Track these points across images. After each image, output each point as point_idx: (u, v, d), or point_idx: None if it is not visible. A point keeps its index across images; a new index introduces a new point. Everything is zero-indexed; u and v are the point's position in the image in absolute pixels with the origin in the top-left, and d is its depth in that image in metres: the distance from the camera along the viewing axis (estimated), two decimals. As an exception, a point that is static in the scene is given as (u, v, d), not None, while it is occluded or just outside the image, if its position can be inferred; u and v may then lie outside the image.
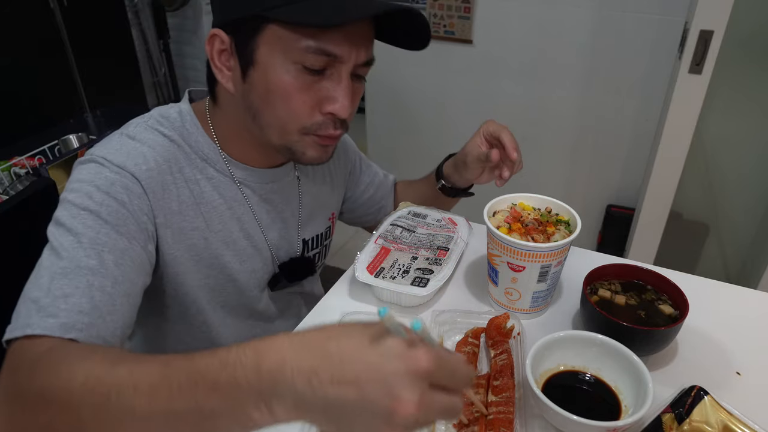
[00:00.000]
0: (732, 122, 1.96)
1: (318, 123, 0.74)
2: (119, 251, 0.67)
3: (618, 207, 2.30)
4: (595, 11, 2.03)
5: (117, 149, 0.74)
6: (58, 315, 0.58)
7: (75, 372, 0.49)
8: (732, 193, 2.10)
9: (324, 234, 1.03)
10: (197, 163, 0.81)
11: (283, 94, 0.71)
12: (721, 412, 0.63)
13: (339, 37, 0.69)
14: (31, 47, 2.18)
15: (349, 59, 0.71)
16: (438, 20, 2.28)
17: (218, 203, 0.82)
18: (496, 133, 0.93)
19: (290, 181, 0.92)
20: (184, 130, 0.80)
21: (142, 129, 0.78)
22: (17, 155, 1.53)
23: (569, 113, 2.25)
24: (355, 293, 0.89)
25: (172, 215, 0.77)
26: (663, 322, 0.74)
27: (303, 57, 0.69)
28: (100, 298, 0.62)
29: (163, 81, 3.04)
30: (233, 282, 0.87)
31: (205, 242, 0.82)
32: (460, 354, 0.73)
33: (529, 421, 0.65)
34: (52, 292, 0.60)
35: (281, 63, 0.70)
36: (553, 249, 0.75)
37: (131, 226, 0.70)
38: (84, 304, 0.60)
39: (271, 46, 0.70)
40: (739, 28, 1.64)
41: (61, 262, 0.63)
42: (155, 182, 0.74)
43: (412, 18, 0.71)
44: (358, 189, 1.11)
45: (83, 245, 0.64)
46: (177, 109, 0.82)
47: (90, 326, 0.59)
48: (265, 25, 0.69)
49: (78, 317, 0.59)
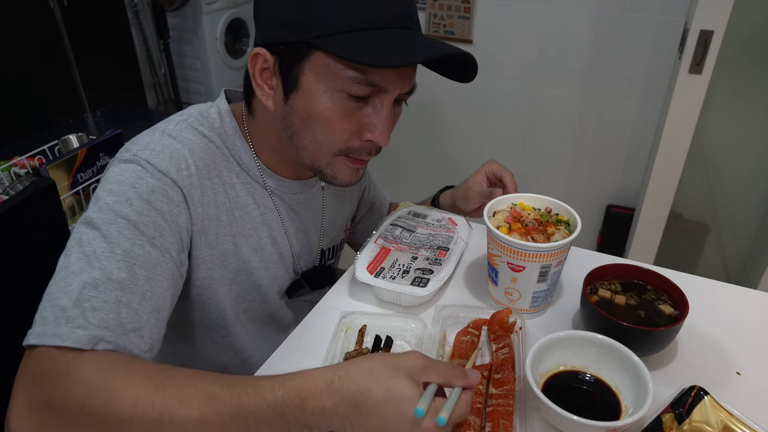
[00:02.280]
0: (732, 122, 1.97)
1: (354, 147, 0.75)
2: (151, 266, 0.65)
3: (618, 207, 2.30)
4: (595, 11, 2.03)
5: (160, 151, 0.72)
6: (87, 327, 0.57)
7: (120, 393, 0.52)
8: (732, 193, 2.10)
9: (339, 245, 1.05)
10: (234, 167, 0.81)
11: (324, 121, 0.72)
12: (721, 412, 0.63)
13: (388, 72, 0.70)
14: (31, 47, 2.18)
15: (394, 90, 0.72)
16: (438, 20, 2.28)
17: (251, 208, 0.83)
18: (499, 173, 0.97)
19: (315, 192, 0.93)
20: (223, 132, 0.80)
21: (183, 128, 0.77)
22: (17, 155, 1.53)
23: (569, 113, 2.25)
24: (355, 293, 0.89)
25: (209, 221, 0.77)
26: (663, 322, 0.74)
27: (348, 86, 0.69)
28: (127, 314, 0.61)
29: (163, 81, 3.04)
30: (257, 288, 0.87)
31: (235, 248, 0.82)
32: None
33: (528, 413, 0.66)
34: (81, 303, 0.59)
35: (325, 90, 0.70)
36: (553, 249, 0.75)
37: (168, 238, 0.68)
38: (110, 321, 0.59)
39: (316, 72, 0.70)
40: (739, 28, 1.64)
41: (93, 271, 0.61)
42: (195, 189, 0.74)
43: (463, 60, 0.72)
44: (364, 208, 1.13)
45: (116, 255, 0.63)
46: (216, 110, 0.82)
47: (116, 340, 0.59)
48: (313, 52, 0.69)
49: (104, 333, 0.58)
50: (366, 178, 1.11)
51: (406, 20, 0.70)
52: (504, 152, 2.44)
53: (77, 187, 1.45)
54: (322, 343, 0.77)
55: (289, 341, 0.80)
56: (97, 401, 0.52)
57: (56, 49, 2.18)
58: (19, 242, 0.89)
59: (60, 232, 0.97)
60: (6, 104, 2.07)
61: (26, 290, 0.89)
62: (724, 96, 1.87)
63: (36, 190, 0.91)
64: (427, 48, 0.69)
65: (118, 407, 0.51)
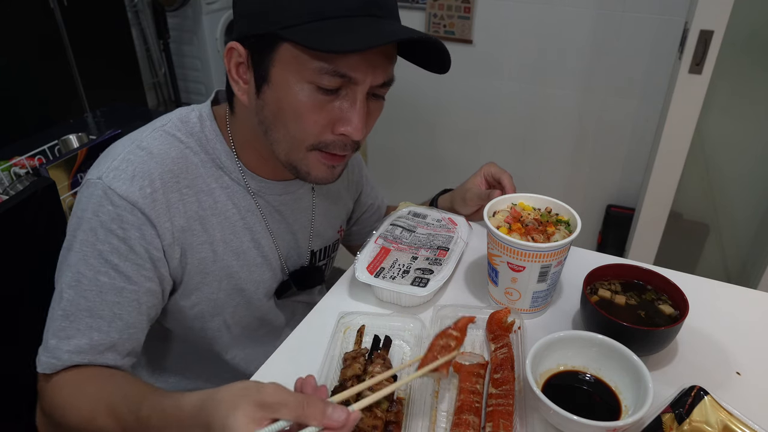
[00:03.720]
0: (732, 122, 1.96)
1: (327, 141, 0.74)
2: (116, 290, 0.72)
3: (618, 207, 2.30)
4: (595, 11, 2.03)
5: (124, 169, 0.73)
6: (61, 357, 0.70)
7: (69, 410, 0.69)
8: (732, 193, 2.10)
9: (332, 246, 1.03)
10: (213, 171, 0.80)
11: (294, 113, 0.71)
12: (721, 412, 0.63)
13: (355, 60, 0.68)
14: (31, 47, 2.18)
15: (364, 81, 0.70)
16: (438, 20, 2.28)
17: (231, 213, 0.82)
18: (497, 175, 0.98)
19: (304, 193, 0.92)
20: (203, 136, 0.80)
21: (157, 135, 0.77)
22: (17, 155, 1.53)
23: (569, 113, 2.25)
24: (355, 293, 0.89)
25: (179, 233, 0.77)
26: (663, 322, 0.74)
27: (317, 77, 0.68)
28: (98, 337, 0.72)
29: (163, 81, 3.04)
30: (240, 292, 0.87)
31: (214, 255, 0.81)
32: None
33: (528, 413, 0.66)
34: (56, 333, 0.71)
35: (295, 82, 0.69)
36: (553, 249, 0.75)
37: (135, 262, 0.73)
38: (83, 345, 0.71)
39: (285, 64, 0.69)
40: (739, 28, 1.64)
41: (62, 303, 0.72)
42: (160, 204, 0.74)
43: (429, 45, 0.71)
44: (360, 209, 1.12)
45: (82, 285, 0.71)
46: (197, 114, 0.81)
47: (92, 360, 0.72)
48: (281, 43, 0.68)
49: (78, 357, 0.71)
50: (363, 179, 1.10)
51: (373, 8, 0.68)
52: (504, 152, 2.44)
53: (77, 187, 1.45)
54: (320, 343, 0.77)
55: (287, 342, 0.79)
56: (57, 415, 0.71)
57: (56, 49, 2.18)
58: (19, 242, 0.89)
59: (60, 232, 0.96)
60: (6, 104, 2.07)
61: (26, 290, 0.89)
62: (724, 96, 1.87)
63: (36, 190, 0.91)
64: (390, 33, 0.66)
65: (69, 419, 0.69)
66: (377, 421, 0.61)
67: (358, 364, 0.69)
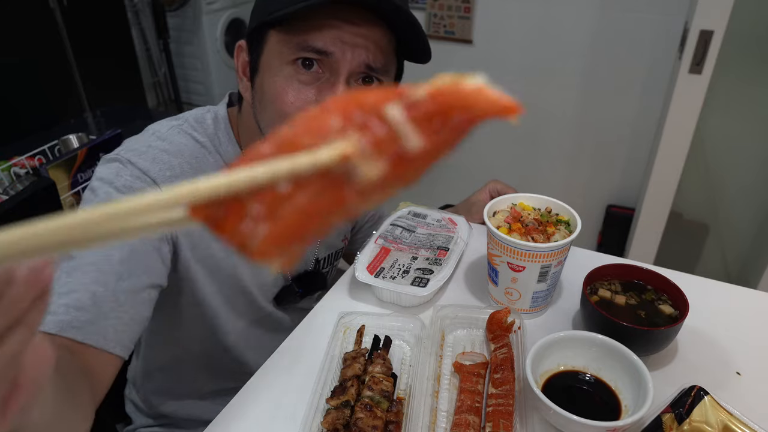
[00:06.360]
0: (732, 122, 1.96)
1: None
2: (126, 250, 0.67)
3: (618, 207, 2.30)
4: (595, 11, 2.03)
5: (143, 151, 0.73)
6: (57, 312, 0.61)
7: None
8: (732, 193, 2.10)
9: (336, 254, 1.04)
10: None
11: (273, 95, 0.71)
12: (721, 412, 0.63)
13: (330, 36, 0.67)
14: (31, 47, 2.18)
15: (343, 59, 0.68)
16: (438, 20, 2.28)
17: None
18: (503, 191, 1.00)
19: None
20: (216, 138, 0.80)
21: (175, 132, 0.77)
22: (17, 155, 1.53)
23: (569, 113, 2.25)
24: (355, 293, 0.89)
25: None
26: (663, 322, 0.74)
27: (295, 55, 0.68)
28: (103, 293, 0.64)
29: (163, 81, 3.04)
30: (245, 294, 0.87)
31: (225, 252, 0.81)
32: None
33: (528, 413, 0.66)
34: (57, 290, 0.63)
35: (277, 66, 0.70)
36: (553, 249, 0.75)
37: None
38: (85, 300, 0.62)
39: (271, 51, 0.71)
40: (739, 28, 1.64)
41: (71, 261, 0.65)
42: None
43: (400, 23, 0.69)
44: (362, 218, 1.13)
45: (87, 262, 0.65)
46: (213, 115, 0.82)
47: (89, 323, 0.62)
48: (268, 31, 0.70)
49: (77, 314, 0.61)
50: None
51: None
52: (504, 152, 2.44)
53: (77, 187, 1.45)
54: (320, 343, 0.77)
55: (287, 342, 0.79)
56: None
57: (56, 49, 2.18)
58: (19, 242, 0.89)
59: (60, 232, 0.97)
60: (6, 104, 2.07)
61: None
62: (724, 96, 1.87)
63: (36, 190, 0.91)
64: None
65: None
66: (377, 421, 0.61)
67: (358, 364, 0.69)
